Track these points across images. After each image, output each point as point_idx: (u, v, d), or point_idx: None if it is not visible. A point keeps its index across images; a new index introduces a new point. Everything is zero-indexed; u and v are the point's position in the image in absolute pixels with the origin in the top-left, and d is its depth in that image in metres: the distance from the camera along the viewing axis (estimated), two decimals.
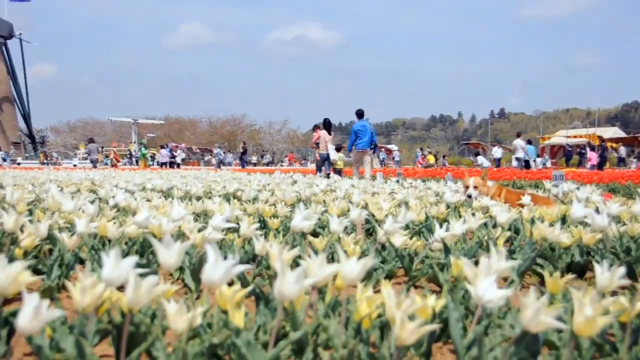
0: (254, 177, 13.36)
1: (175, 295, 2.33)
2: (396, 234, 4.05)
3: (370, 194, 7.64)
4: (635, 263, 4.18)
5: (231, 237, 4.19)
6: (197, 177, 14.14)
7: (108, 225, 4.09)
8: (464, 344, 2.43)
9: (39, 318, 2.02)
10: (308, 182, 10.74)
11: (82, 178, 12.83)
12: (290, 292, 2.14)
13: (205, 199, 7.14)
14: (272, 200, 6.89)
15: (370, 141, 19.96)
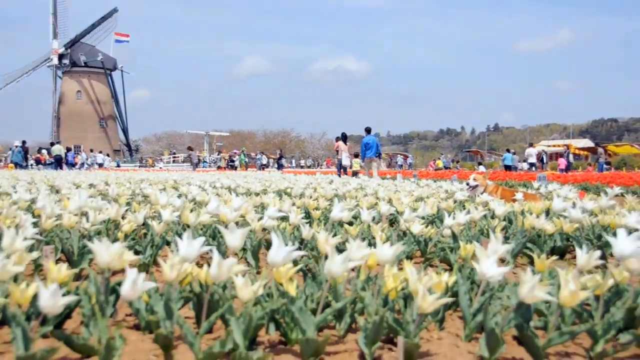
0: (299, 178, 13.34)
1: (240, 271, 2.33)
2: (414, 223, 4.06)
3: (392, 191, 7.65)
4: (605, 247, 4.16)
5: (283, 225, 4.19)
6: (255, 177, 14.14)
7: (188, 215, 4.12)
8: (471, 311, 2.43)
9: (137, 288, 2.03)
10: (343, 181, 10.73)
11: (167, 177, 12.87)
12: (337, 271, 2.15)
13: (262, 195, 7.17)
14: (315, 195, 6.89)
15: (376, 151, 21.07)
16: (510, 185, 16.07)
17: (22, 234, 2.63)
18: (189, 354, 2.07)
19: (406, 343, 2.02)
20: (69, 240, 3.75)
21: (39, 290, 2.04)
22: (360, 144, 22.02)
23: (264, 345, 2.29)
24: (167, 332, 2.14)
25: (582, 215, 4.37)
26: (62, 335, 2.12)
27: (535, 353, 2.15)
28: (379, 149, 21.47)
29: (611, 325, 2.27)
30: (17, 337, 2.03)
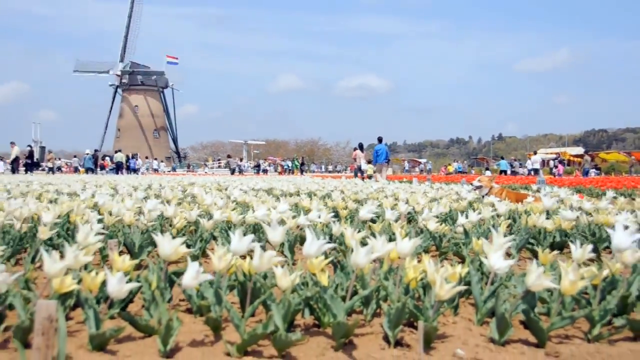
0: (327, 181, 13.34)
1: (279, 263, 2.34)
2: (430, 220, 4.05)
3: (409, 192, 7.63)
4: (598, 242, 4.17)
5: (315, 223, 4.19)
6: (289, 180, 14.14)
7: (232, 214, 4.14)
8: (482, 299, 2.42)
9: (197, 278, 2.05)
10: (366, 185, 10.71)
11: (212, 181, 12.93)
12: (361, 263, 2.14)
13: (295, 196, 7.18)
14: (341, 197, 6.89)
15: (385, 157, 21.44)
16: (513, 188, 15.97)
17: (91, 229, 2.66)
18: (235, 335, 2.08)
19: (425, 326, 2.01)
20: (130, 234, 3.79)
21: (107, 277, 2.07)
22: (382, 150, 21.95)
23: (300, 327, 2.29)
24: (216, 316, 2.15)
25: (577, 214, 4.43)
26: (127, 317, 2.14)
27: (539, 335, 2.14)
28: (388, 156, 21.85)
29: (607, 311, 2.26)
30: (90, 318, 2.05)
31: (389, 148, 22.22)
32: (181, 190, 8.39)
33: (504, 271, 2.29)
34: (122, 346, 2.04)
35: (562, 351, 2.05)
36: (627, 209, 5.35)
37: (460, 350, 2.02)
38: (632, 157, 46.88)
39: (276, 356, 1.95)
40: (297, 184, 10.87)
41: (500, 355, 2.01)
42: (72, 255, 2.15)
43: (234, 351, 1.95)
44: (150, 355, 1.94)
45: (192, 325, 2.27)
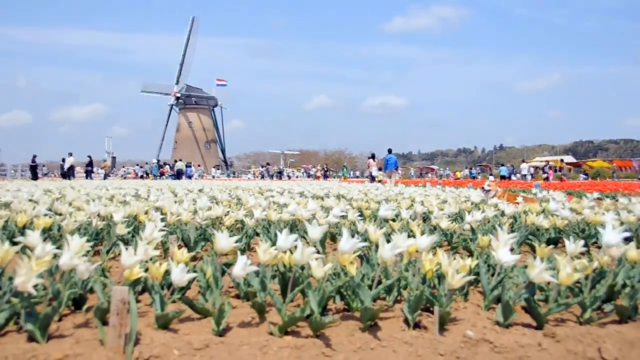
0: (353, 186, 13.31)
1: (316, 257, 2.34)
2: (442, 219, 4.03)
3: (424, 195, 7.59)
4: (587, 238, 4.16)
5: (343, 221, 4.19)
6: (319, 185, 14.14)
7: (271, 213, 4.15)
8: (489, 287, 2.41)
9: (245, 269, 2.06)
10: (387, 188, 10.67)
11: (254, 185, 12.97)
12: (386, 256, 2.14)
13: (325, 198, 7.17)
14: (365, 198, 6.87)
15: (394, 165, 22.28)
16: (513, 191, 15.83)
17: (155, 227, 2.69)
18: (277, 317, 2.09)
19: (440, 311, 2.00)
20: (186, 231, 3.82)
21: (170, 268, 2.09)
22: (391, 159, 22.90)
23: (333, 311, 2.29)
24: (261, 301, 2.16)
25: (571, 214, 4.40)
26: (187, 301, 2.16)
27: (538, 319, 2.13)
28: (396, 164, 22.68)
29: (596, 298, 2.25)
30: (156, 301, 2.08)
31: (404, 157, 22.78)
32: (229, 193, 8.43)
33: (510, 264, 2.28)
34: (182, 325, 2.06)
35: (558, 332, 2.03)
36: (611, 209, 5.28)
37: (470, 332, 2.00)
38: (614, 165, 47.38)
39: (312, 336, 1.95)
40: (327, 187, 10.87)
41: (505, 336, 1.99)
42: (142, 250, 2.18)
43: (276, 331, 1.95)
44: (205, 333, 1.96)
45: (240, 309, 2.28)
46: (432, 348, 1.88)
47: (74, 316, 2.19)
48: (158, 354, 1.76)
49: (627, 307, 2.23)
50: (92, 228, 3.85)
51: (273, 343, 1.86)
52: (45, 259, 2.10)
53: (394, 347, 1.89)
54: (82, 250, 2.19)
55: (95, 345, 1.81)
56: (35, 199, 6.23)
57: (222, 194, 7.47)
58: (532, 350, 1.91)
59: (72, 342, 1.84)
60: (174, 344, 1.82)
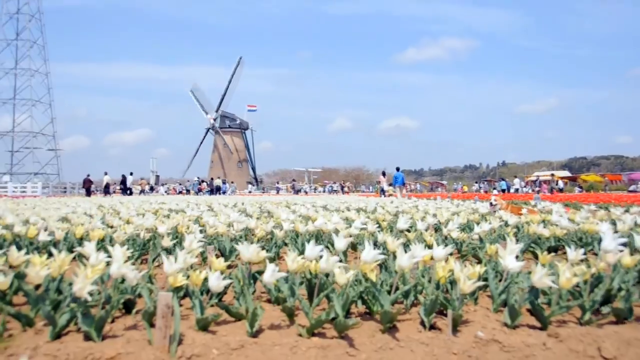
0: (371, 199, 13.26)
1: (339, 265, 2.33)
2: (453, 230, 3.99)
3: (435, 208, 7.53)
4: (585, 246, 4.06)
5: (363, 232, 4.16)
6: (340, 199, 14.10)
7: (299, 225, 4.14)
8: (497, 292, 2.38)
9: (273, 276, 2.05)
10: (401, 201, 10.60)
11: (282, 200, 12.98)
12: (405, 265, 2.12)
13: (346, 211, 7.14)
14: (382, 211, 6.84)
15: (402, 182, 22.97)
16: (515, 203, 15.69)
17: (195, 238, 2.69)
18: (305, 320, 2.08)
19: (453, 314, 1.98)
20: (223, 242, 3.82)
21: (209, 275, 2.09)
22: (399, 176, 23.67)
23: (355, 314, 2.27)
24: (290, 305, 2.14)
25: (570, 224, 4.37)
26: (223, 305, 2.16)
27: (542, 321, 2.10)
28: (403, 181, 23.49)
29: (595, 301, 2.24)
30: (196, 306, 2.07)
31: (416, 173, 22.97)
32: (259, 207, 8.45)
33: (516, 270, 2.26)
34: (220, 327, 2.05)
35: (561, 333, 2.01)
36: (605, 219, 5.20)
37: (481, 333, 1.98)
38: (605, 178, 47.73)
39: (337, 337, 1.94)
40: (348, 201, 10.84)
41: (512, 337, 1.97)
42: (182, 259, 2.18)
43: (305, 332, 1.94)
44: (240, 335, 1.95)
45: (271, 312, 2.27)
46: (446, 348, 1.86)
47: (125, 318, 2.20)
48: (199, 353, 1.76)
49: (623, 309, 2.22)
50: (139, 239, 3.88)
51: (302, 343, 1.85)
52: (99, 267, 2.12)
53: (411, 347, 1.86)
54: (124, 258, 2.20)
55: (144, 345, 1.82)
56: (91, 213, 6.30)
57: (253, 207, 7.49)
58: (538, 350, 1.88)
59: (124, 341, 1.85)
60: (213, 344, 1.82)
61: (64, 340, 1.88)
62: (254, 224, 4.12)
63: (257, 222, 4.27)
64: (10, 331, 2.00)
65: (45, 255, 2.34)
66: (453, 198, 14.99)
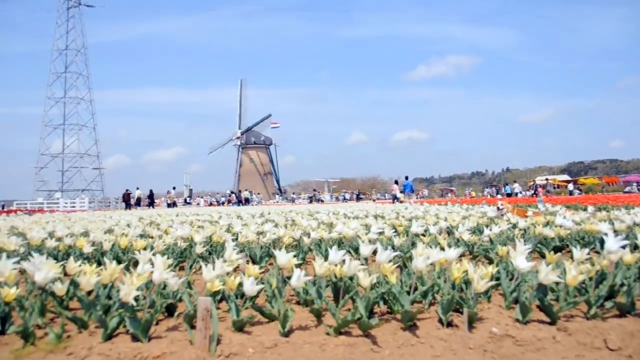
0: (386, 206, 13.18)
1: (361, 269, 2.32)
2: (464, 233, 3.95)
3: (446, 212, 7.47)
4: (587, 245, 4.05)
5: (381, 237, 4.14)
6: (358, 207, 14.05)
7: (322, 233, 4.14)
8: (509, 290, 2.36)
9: (300, 280, 2.05)
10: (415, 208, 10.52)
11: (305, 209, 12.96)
12: (420, 266, 2.11)
13: (364, 218, 7.11)
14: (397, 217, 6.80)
15: (411, 189, 23.81)
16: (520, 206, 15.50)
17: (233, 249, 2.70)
18: (332, 320, 2.07)
19: (468, 312, 1.96)
20: (253, 249, 3.84)
21: (243, 280, 2.10)
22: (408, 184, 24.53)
23: (377, 314, 2.25)
24: (318, 307, 2.15)
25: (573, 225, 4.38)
26: (257, 308, 2.16)
27: (552, 316, 2.08)
28: (412, 188, 24.45)
29: (600, 297, 2.22)
30: (232, 309, 2.09)
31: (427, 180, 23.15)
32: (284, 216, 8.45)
33: (526, 270, 2.24)
34: (254, 328, 2.06)
35: (569, 327, 1.99)
36: (605, 220, 5.13)
37: (495, 329, 1.96)
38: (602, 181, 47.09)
39: (362, 335, 1.93)
40: (366, 208, 10.79)
41: (524, 332, 1.95)
42: (219, 267, 2.20)
43: (332, 332, 1.94)
44: (273, 335, 1.95)
45: (301, 314, 2.27)
46: (463, 343, 1.84)
47: (167, 321, 2.22)
48: (236, 352, 1.77)
49: (625, 303, 2.20)
50: (177, 248, 3.92)
51: (330, 342, 1.85)
52: (144, 275, 2.14)
53: (431, 343, 1.85)
54: (165, 266, 2.22)
55: (186, 345, 1.84)
56: (132, 225, 6.37)
57: (279, 217, 7.49)
58: (548, 343, 1.87)
59: (168, 342, 1.87)
60: (249, 343, 1.83)
61: (114, 341, 1.91)
62: (282, 232, 4.13)
63: (285, 230, 4.28)
64: (68, 333, 2.03)
65: (95, 265, 2.38)
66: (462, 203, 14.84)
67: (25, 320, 1.97)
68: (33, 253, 2.85)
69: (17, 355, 1.80)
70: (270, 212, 10.57)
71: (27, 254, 3.79)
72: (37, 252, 3.71)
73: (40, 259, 2.22)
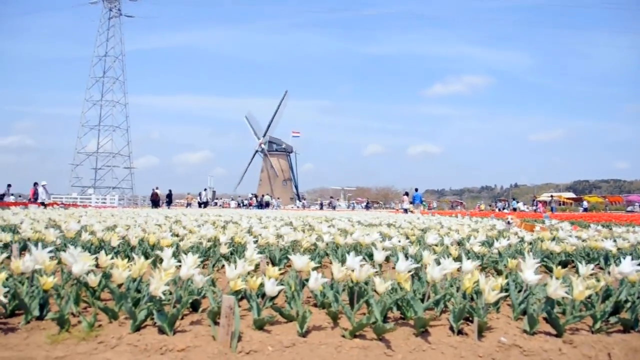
0: (400, 215, 13.11)
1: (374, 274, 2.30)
2: (475, 245, 3.91)
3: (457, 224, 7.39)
4: (592, 261, 4.00)
5: (396, 246, 4.10)
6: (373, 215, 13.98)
7: (339, 238, 4.12)
8: (517, 302, 2.32)
9: (317, 282, 2.05)
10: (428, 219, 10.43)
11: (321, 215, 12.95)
12: (436, 277, 2.09)
13: (378, 226, 7.08)
14: (410, 226, 6.75)
15: (419, 200, 23.98)
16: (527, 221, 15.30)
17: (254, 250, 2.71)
18: (347, 323, 2.06)
19: (479, 321, 1.94)
20: (273, 251, 3.84)
21: (264, 281, 2.10)
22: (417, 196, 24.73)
23: (391, 319, 2.23)
24: (335, 310, 2.14)
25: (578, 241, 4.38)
26: (276, 308, 2.16)
27: (558, 329, 2.05)
28: (421, 199, 24.62)
29: (605, 312, 2.18)
30: (253, 308, 2.09)
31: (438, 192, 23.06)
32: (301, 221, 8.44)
33: (534, 283, 2.23)
34: (273, 327, 2.05)
35: (575, 340, 1.97)
36: (608, 237, 5.06)
37: (504, 338, 1.93)
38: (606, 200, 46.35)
39: (376, 339, 1.92)
40: (379, 217, 10.74)
41: (532, 342, 1.93)
42: (242, 266, 2.20)
43: (347, 334, 1.92)
44: (292, 335, 1.95)
45: (318, 315, 2.26)
46: (472, 351, 1.82)
47: (192, 316, 2.23)
48: (256, 349, 1.77)
49: (630, 319, 2.16)
50: (202, 247, 3.93)
51: (345, 344, 1.84)
52: (171, 271, 2.16)
53: (442, 349, 1.83)
54: (195, 264, 2.23)
55: (209, 340, 1.84)
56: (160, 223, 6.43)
57: (297, 221, 7.49)
58: (554, 354, 1.84)
59: (192, 336, 1.88)
60: (268, 341, 1.83)
61: (142, 333, 1.92)
62: (300, 237, 4.13)
63: (303, 235, 4.28)
64: (99, 322, 2.05)
65: (125, 259, 2.41)
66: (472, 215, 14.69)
67: (61, 308, 2.00)
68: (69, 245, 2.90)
69: (53, 340, 1.83)
70: (290, 216, 10.59)
71: (63, 245, 3.85)
72: (72, 244, 3.76)
73: (77, 252, 2.25)
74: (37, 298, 2.09)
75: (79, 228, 4.81)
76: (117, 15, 54.73)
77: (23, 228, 4.35)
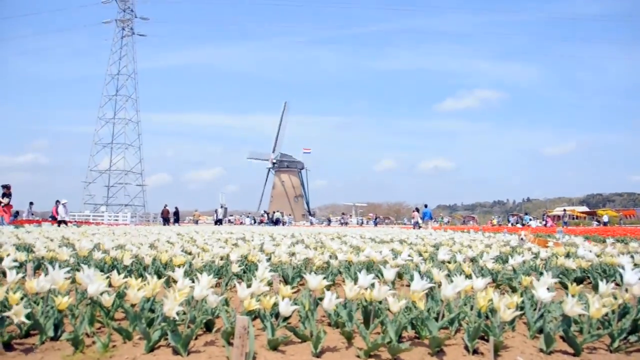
0: (411, 231, 13.03)
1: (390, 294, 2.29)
2: (488, 261, 3.87)
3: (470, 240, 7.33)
4: (608, 277, 3.86)
5: (408, 263, 4.08)
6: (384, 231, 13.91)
7: (351, 256, 4.11)
8: (533, 320, 2.29)
9: (331, 302, 2.04)
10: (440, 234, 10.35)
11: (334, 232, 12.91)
12: (449, 295, 2.07)
13: (390, 243, 7.04)
14: (422, 242, 6.70)
15: (429, 216, 24.67)
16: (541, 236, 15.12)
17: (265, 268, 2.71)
18: (362, 343, 2.05)
19: (494, 340, 1.92)
20: (286, 269, 3.83)
21: (278, 301, 2.10)
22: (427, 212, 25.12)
23: (405, 339, 2.21)
24: (349, 329, 2.13)
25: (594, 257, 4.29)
26: (290, 328, 2.15)
27: (575, 347, 2.02)
28: (431, 215, 25.27)
29: (623, 330, 2.15)
30: (268, 328, 2.08)
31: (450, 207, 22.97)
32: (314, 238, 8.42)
33: (548, 300, 2.20)
34: (288, 348, 2.04)
35: (593, 359, 1.94)
36: (624, 252, 4.98)
37: (520, 358, 1.90)
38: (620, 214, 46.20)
39: (390, 359, 1.90)
40: (391, 233, 10.67)
41: None
42: (256, 286, 2.21)
43: (362, 354, 1.91)
44: (306, 355, 1.94)
45: (332, 335, 2.24)
46: None
47: (206, 336, 2.23)
48: None
49: None
50: (215, 266, 3.94)
51: None
52: (185, 291, 2.16)
53: None
54: (209, 285, 2.24)
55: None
56: (172, 241, 6.45)
57: (309, 239, 7.47)
58: None
59: (206, 357, 1.88)
60: None
61: (156, 353, 1.92)
62: (312, 255, 4.11)
63: (315, 252, 4.27)
64: (113, 342, 2.05)
65: (138, 278, 2.42)
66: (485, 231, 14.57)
67: (76, 329, 2.01)
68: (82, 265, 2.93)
69: None
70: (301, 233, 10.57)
71: (76, 264, 3.87)
72: (84, 262, 3.79)
73: (92, 272, 2.27)
74: (52, 318, 2.11)
75: (92, 247, 4.84)
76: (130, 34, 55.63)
77: (37, 247, 4.39)
